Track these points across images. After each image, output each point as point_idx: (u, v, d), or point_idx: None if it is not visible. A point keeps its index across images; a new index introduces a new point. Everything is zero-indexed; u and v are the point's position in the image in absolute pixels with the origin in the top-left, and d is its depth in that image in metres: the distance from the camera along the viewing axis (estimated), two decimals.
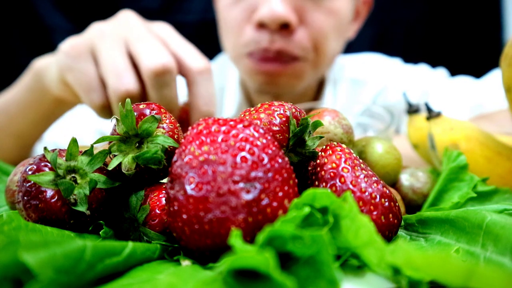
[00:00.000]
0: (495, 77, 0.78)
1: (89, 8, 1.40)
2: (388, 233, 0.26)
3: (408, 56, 1.01)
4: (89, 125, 0.79)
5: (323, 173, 0.27)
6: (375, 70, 0.87)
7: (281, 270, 0.19)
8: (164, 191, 0.27)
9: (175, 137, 0.28)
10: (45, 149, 0.26)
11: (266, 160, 0.23)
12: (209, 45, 0.88)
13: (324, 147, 0.29)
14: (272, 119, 0.28)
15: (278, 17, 0.63)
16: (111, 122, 0.29)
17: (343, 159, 0.27)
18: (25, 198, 0.26)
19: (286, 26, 0.65)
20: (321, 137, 0.29)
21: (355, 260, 0.23)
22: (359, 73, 0.87)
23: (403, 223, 0.30)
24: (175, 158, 0.24)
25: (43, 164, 0.26)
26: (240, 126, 0.24)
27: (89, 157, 0.27)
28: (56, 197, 0.25)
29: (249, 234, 0.22)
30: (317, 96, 0.86)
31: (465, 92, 0.78)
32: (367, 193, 0.26)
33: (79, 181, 0.27)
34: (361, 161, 0.28)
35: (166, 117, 0.29)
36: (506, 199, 0.33)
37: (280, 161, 0.23)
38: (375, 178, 0.27)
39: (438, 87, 0.81)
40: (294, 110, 0.29)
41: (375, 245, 0.20)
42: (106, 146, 0.32)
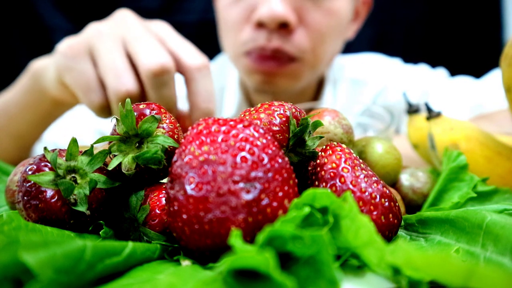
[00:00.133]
0: (495, 77, 0.78)
1: (89, 8, 1.40)
2: (388, 233, 0.26)
3: (408, 56, 1.01)
4: (89, 125, 0.79)
5: (323, 173, 0.27)
6: (375, 70, 0.87)
7: (281, 270, 0.19)
8: (164, 191, 0.27)
9: (175, 137, 0.28)
10: (45, 149, 0.26)
11: (266, 160, 0.23)
12: (209, 45, 0.88)
13: (324, 147, 0.29)
14: (272, 119, 0.28)
15: (277, 16, 0.63)
16: (111, 122, 0.29)
17: (343, 159, 0.27)
18: (25, 198, 0.26)
19: (285, 25, 0.65)
20: (321, 137, 0.29)
21: (355, 260, 0.23)
22: (359, 73, 0.87)
23: (403, 223, 0.30)
24: (175, 158, 0.24)
25: (43, 164, 0.26)
26: (240, 126, 0.24)
27: (89, 157, 0.27)
28: (56, 197, 0.25)
29: (249, 234, 0.22)
30: (316, 96, 0.86)
31: (465, 92, 0.78)
32: (367, 193, 0.26)
33: (79, 181, 0.27)
34: (361, 161, 0.28)
35: (166, 117, 0.29)
36: (506, 199, 0.33)
37: (280, 161, 0.23)
38: (375, 178, 0.27)
39: (438, 87, 0.81)
40: (294, 110, 0.29)
41: (375, 245, 0.20)
42: (106, 146, 0.32)
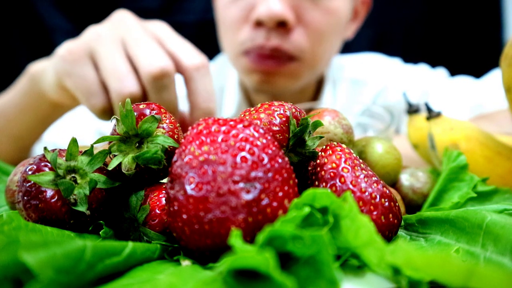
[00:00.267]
0: (495, 77, 0.78)
1: (89, 8, 1.40)
2: (388, 233, 0.26)
3: (408, 56, 1.01)
4: (89, 125, 0.79)
5: (323, 173, 0.27)
6: (375, 70, 0.87)
7: (281, 270, 0.19)
8: (164, 191, 0.27)
9: (175, 137, 0.28)
10: (45, 149, 0.26)
11: (266, 160, 0.23)
12: (209, 45, 0.88)
13: (324, 147, 0.29)
14: (272, 119, 0.28)
15: (275, 15, 0.63)
16: (111, 122, 0.29)
17: (343, 159, 0.27)
18: (25, 198, 0.26)
19: (283, 24, 0.65)
20: (321, 137, 0.29)
21: (355, 260, 0.23)
22: (359, 73, 0.87)
23: (403, 223, 0.30)
24: (175, 158, 0.24)
25: (43, 164, 0.26)
26: (240, 126, 0.24)
27: (89, 157, 0.27)
28: (56, 197, 0.25)
29: (249, 234, 0.22)
30: (316, 96, 0.86)
31: (465, 92, 0.78)
32: (367, 193, 0.26)
33: (79, 181, 0.27)
34: (361, 161, 0.28)
35: (166, 117, 0.29)
36: (506, 199, 0.33)
37: (280, 161, 0.23)
38: (375, 178, 0.27)
39: (438, 87, 0.81)
40: (294, 110, 0.29)
41: (375, 245, 0.20)
42: (106, 146, 0.32)
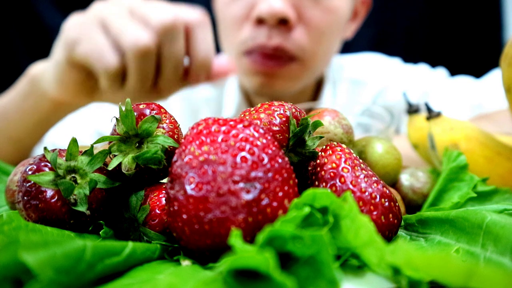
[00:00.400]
0: (495, 77, 0.78)
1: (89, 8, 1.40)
2: (388, 233, 0.26)
3: (407, 56, 1.01)
4: (88, 126, 0.79)
5: (323, 173, 0.27)
6: (375, 70, 0.87)
7: (281, 270, 0.19)
8: (164, 191, 0.27)
9: (175, 137, 0.28)
10: (45, 149, 0.26)
11: (266, 160, 0.23)
12: None
13: (324, 147, 0.29)
14: (272, 119, 0.28)
15: (277, 12, 0.63)
16: (111, 122, 0.29)
17: (343, 159, 0.27)
18: (25, 198, 0.26)
19: (284, 22, 0.65)
20: (321, 137, 0.29)
21: (355, 260, 0.23)
22: (359, 74, 0.87)
23: (403, 223, 0.30)
24: (175, 158, 0.24)
25: (43, 164, 0.26)
26: (240, 126, 0.24)
27: (89, 157, 0.27)
28: (56, 197, 0.25)
29: (249, 234, 0.22)
30: (316, 96, 0.86)
31: (465, 92, 0.78)
32: (367, 193, 0.26)
33: (79, 181, 0.27)
34: (361, 161, 0.28)
35: (166, 117, 0.29)
36: (506, 199, 0.33)
37: (280, 161, 0.23)
38: (375, 178, 0.27)
39: (438, 87, 0.81)
40: (294, 110, 0.29)
41: (375, 245, 0.20)
42: (106, 146, 0.32)
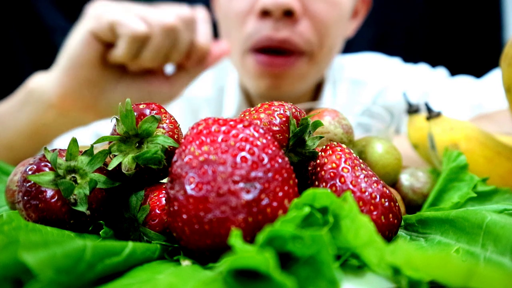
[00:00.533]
0: (495, 77, 0.78)
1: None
2: (388, 233, 0.26)
3: (408, 56, 1.01)
4: (88, 127, 0.79)
5: (323, 173, 0.27)
6: (375, 70, 0.87)
7: (281, 270, 0.19)
8: (164, 191, 0.27)
9: (175, 137, 0.28)
10: (45, 149, 0.26)
11: (266, 160, 0.23)
12: None
13: (324, 147, 0.29)
14: (272, 119, 0.28)
15: (282, 3, 0.62)
16: (111, 122, 0.29)
17: (343, 159, 0.27)
18: (25, 198, 0.26)
19: (289, 14, 0.64)
20: (321, 137, 0.29)
21: (355, 260, 0.23)
22: (359, 74, 0.86)
23: (403, 223, 0.30)
24: (175, 158, 0.24)
25: (43, 164, 0.26)
26: (240, 126, 0.24)
27: (89, 157, 0.27)
28: (56, 197, 0.25)
29: (249, 234, 0.22)
30: (316, 96, 0.86)
31: (465, 92, 0.78)
32: (367, 193, 0.26)
33: (79, 181, 0.27)
34: (361, 161, 0.28)
35: (166, 117, 0.29)
36: (506, 199, 0.33)
37: (280, 161, 0.23)
38: (375, 178, 0.27)
39: (438, 87, 0.81)
40: (294, 110, 0.29)
41: (375, 245, 0.20)
42: (106, 146, 0.32)
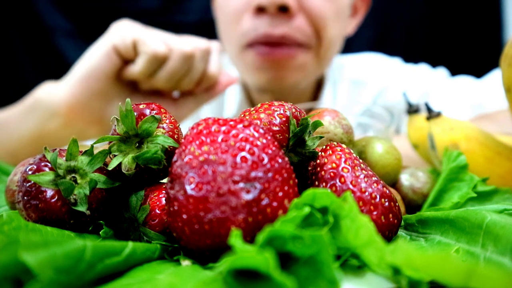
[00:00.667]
0: (495, 77, 0.78)
1: (89, 8, 1.40)
2: (388, 233, 0.26)
3: (408, 56, 1.01)
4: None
5: (323, 173, 0.27)
6: (375, 70, 0.87)
7: (281, 270, 0.19)
8: (164, 191, 0.27)
9: (175, 137, 0.28)
10: (45, 149, 0.26)
11: (266, 160, 0.23)
12: None
13: (324, 147, 0.29)
14: (272, 119, 0.28)
15: None
16: (111, 122, 0.29)
17: (343, 159, 0.27)
18: (25, 198, 0.26)
19: (284, 9, 0.64)
20: (321, 137, 0.29)
21: (355, 260, 0.23)
22: (359, 74, 0.86)
23: (403, 223, 0.30)
24: (175, 158, 0.24)
25: (43, 164, 0.26)
26: (240, 126, 0.24)
27: (89, 157, 0.27)
28: (56, 197, 0.25)
29: (249, 234, 0.22)
30: (316, 96, 0.86)
31: (465, 92, 0.78)
32: (367, 193, 0.26)
33: (79, 181, 0.27)
34: (361, 161, 0.28)
35: (166, 117, 0.29)
36: (506, 199, 0.33)
37: (280, 161, 0.23)
38: (375, 178, 0.27)
39: (438, 87, 0.81)
40: (294, 110, 0.29)
41: (375, 245, 0.20)
42: (106, 146, 0.32)
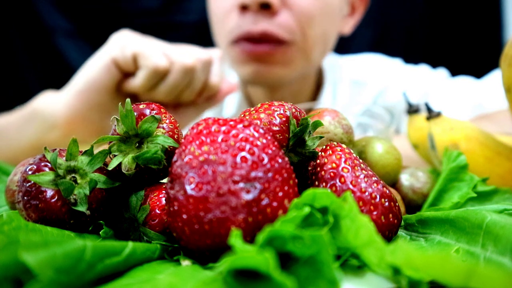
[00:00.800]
0: (495, 77, 0.78)
1: (89, 8, 1.40)
2: (388, 233, 0.26)
3: (408, 56, 1.01)
4: None
5: (323, 173, 0.27)
6: (375, 70, 0.87)
7: (281, 270, 0.19)
8: (164, 191, 0.27)
9: (175, 137, 0.28)
10: (45, 149, 0.26)
11: (266, 160, 0.23)
12: (208, 45, 0.88)
13: (324, 147, 0.29)
14: (272, 119, 0.28)
15: None
16: (111, 122, 0.29)
17: (343, 159, 0.27)
18: (25, 198, 0.26)
19: (267, 6, 0.64)
20: (321, 137, 0.29)
21: (355, 260, 0.23)
22: (359, 74, 0.86)
23: (403, 223, 0.30)
24: (175, 158, 0.24)
25: (43, 164, 0.26)
26: (240, 126, 0.24)
27: (89, 157, 0.27)
28: (56, 197, 0.25)
29: (249, 234, 0.22)
30: (315, 96, 0.86)
31: (465, 92, 0.78)
32: (367, 193, 0.26)
33: (79, 181, 0.27)
34: (361, 161, 0.28)
35: (166, 117, 0.29)
36: (506, 199, 0.33)
37: (280, 161, 0.23)
38: (375, 178, 0.27)
39: (438, 87, 0.81)
40: (294, 110, 0.29)
41: (375, 245, 0.20)
42: (106, 146, 0.32)
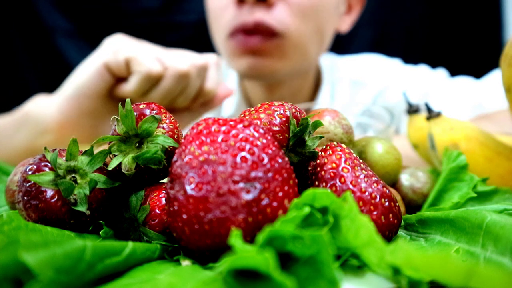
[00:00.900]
0: (495, 77, 0.78)
1: (89, 8, 1.40)
2: (388, 233, 0.26)
3: (408, 56, 1.01)
4: None
5: (323, 173, 0.27)
6: (375, 71, 0.87)
7: (281, 270, 0.19)
8: (164, 191, 0.27)
9: (175, 137, 0.28)
10: (45, 149, 0.26)
11: (266, 160, 0.23)
12: (208, 45, 0.88)
13: (324, 147, 0.29)
14: (272, 119, 0.28)
15: None
16: (111, 122, 0.29)
17: (343, 159, 0.27)
18: (25, 198, 0.26)
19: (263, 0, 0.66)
20: (321, 137, 0.29)
21: (355, 260, 0.23)
22: (359, 75, 0.86)
23: (403, 223, 0.30)
24: (175, 158, 0.24)
25: (43, 164, 0.26)
26: (240, 126, 0.24)
27: (89, 157, 0.27)
28: (56, 197, 0.25)
29: (249, 234, 0.22)
30: (315, 96, 0.85)
31: (465, 92, 0.78)
32: (367, 193, 0.26)
33: (79, 181, 0.27)
34: (361, 161, 0.28)
35: (166, 117, 0.29)
36: (506, 199, 0.33)
37: (280, 161, 0.23)
38: (375, 178, 0.27)
39: (438, 88, 0.81)
40: (294, 110, 0.29)
41: (375, 245, 0.20)
42: (106, 146, 0.32)
